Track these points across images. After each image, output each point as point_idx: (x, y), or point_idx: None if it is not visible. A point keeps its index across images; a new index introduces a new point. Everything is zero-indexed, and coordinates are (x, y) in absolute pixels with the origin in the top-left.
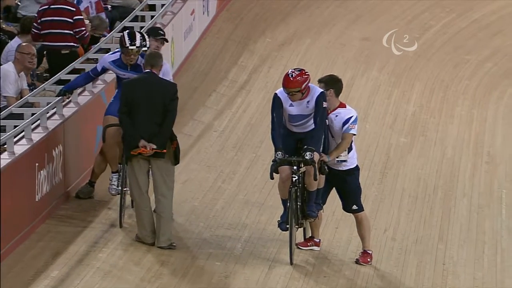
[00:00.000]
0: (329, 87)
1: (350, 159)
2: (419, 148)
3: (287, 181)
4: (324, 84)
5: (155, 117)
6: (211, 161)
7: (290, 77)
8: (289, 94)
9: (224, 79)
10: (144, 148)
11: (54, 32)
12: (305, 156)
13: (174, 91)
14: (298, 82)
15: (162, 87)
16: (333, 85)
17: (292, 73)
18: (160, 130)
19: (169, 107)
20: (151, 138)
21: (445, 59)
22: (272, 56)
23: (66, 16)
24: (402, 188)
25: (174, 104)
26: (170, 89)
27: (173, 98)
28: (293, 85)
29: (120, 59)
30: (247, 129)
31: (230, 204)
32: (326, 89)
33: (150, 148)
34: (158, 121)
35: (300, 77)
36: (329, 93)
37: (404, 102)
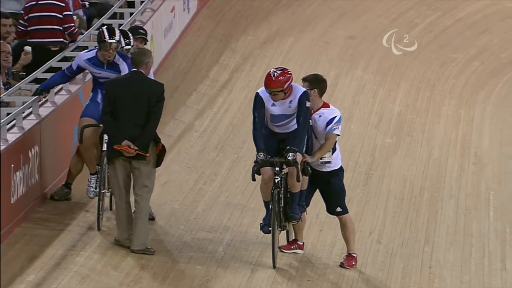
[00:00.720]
0: (314, 87)
1: (334, 160)
2: (405, 149)
3: (269, 183)
4: (309, 83)
5: (138, 119)
6: (191, 162)
7: (272, 77)
8: (271, 94)
9: (205, 78)
10: (128, 147)
11: (42, 28)
12: (287, 157)
13: (161, 92)
14: (280, 82)
15: (148, 87)
16: (317, 84)
17: (274, 73)
18: (143, 132)
19: (154, 109)
20: (133, 140)
21: (431, 58)
22: (254, 54)
23: (55, 11)
24: (388, 189)
25: (159, 105)
26: (156, 90)
27: (159, 99)
28: (275, 85)
29: (96, 57)
30: (228, 129)
31: (212, 207)
32: (310, 89)
33: (134, 149)
34: (141, 123)
35: (283, 76)
36: (313, 93)
37: (390, 101)
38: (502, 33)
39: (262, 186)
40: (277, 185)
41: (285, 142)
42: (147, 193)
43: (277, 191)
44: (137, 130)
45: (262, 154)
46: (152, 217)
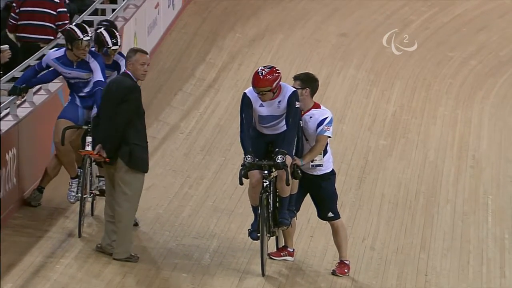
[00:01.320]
0: (305, 86)
1: (326, 163)
2: (400, 151)
3: (257, 187)
4: (301, 82)
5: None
6: (177, 165)
7: (260, 76)
8: (259, 93)
9: (191, 77)
10: (92, 152)
11: (33, 24)
12: (276, 160)
13: (124, 93)
14: (269, 81)
15: (115, 88)
16: (309, 83)
17: (262, 71)
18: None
19: (117, 110)
20: (104, 144)
21: (427, 56)
22: (242, 52)
23: (49, 7)
24: (382, 193)
25: (122, 107)
26: (121, 91)
27: (123, 99)
28: (263, 84)
29: (64, 56)
30: (215, 131)
31: (198, 212)
32: (302, 88)
33: (99, 154)
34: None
35: (271, 75)
36: (305, 92)
37: (384, 102)
38: (501, 30)
39: (250, 190)
40: (265, 189)
41: (274, 144)
42: (124, 201)
43: (266, 195)
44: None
45: (250, 157)
46: (136, 223)
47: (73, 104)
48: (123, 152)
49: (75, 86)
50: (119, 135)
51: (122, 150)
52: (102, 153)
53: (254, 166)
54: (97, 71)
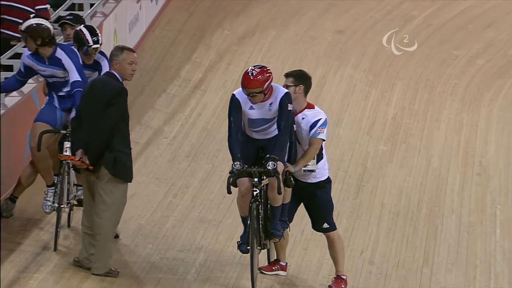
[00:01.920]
0: (299, 83)
1: (320, 170)
2: (401, 157)
3: (247, 196)
4: (294, 79)
5: (92, 125)
6: (160, 172)
7: (250, 76)
8: (250, 95)
9: (176, 78)
10: (73, 158)
11: (9, 20)
12: (267, 166)
13: (112, 95)
14: (260, 82)
15: (101, 90)
16: (303, 80)
17: (253, 71)
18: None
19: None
20: (86, 150)
21: (430, 55)
22: (231, 51)
23: (27, 4)
24: (381, 203)
25: (109, 111)
26: (108, 93)
27: (110, 103)
28: (254, 85)
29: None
30: (202, 135)
31: (183, 223)
32: (295, 85)
33: (81, 160)
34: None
35: (262, 75)
36: (298, 90)
37: (384, 104)
38: (510, 27)
39: (239, 200)
40: (256, 199)
41: (264, 150)
42: (104, 211)
43: (256, 205)
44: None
45: (239, 164)
46: (116, 235)
47: (51, 106)
48: (107, 159)
49: (53, 85)
50: (104, 141)
51: (106, 157)
52: (85, 160)
53: (244, 173)
54: (73, 71)
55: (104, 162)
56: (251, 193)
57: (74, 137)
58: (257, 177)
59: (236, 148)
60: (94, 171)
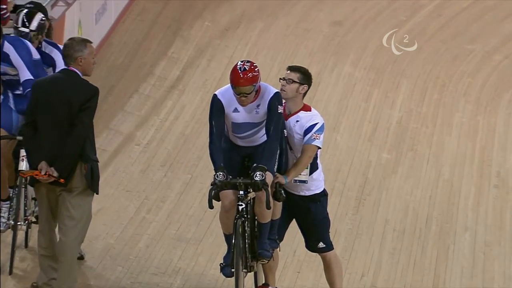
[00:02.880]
0: (305, 82)
1: (315, 182)
2: (407, 167)
3: (231, 211)
4: (302, 76)
5: (59, 134)
6: (132, 184)
7: (240, 71)
8: (240, 95)
9: (150, 76)
10: (38, 172)
11: None
12: (254, 177)
13: (86, 98)
14: (252, 79)
15: (70, 91)
16: (309, 81)
17: (243, 66)
18: (63, 151)
19: (76, 120)
20: (53, 161)
21: (441, 50)
22: (212, 45)
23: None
24: (385, 219)
25: (83, 116)
26: (80, 95)
27: (84, 107)
28: (246, 82)
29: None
30: (180, 141)
31: (158, 241)
32: (301, 83)
33: (48, 173)
34: (63, 138)
35: (252, 72)
36: (301, 90)
37: (387, 106)
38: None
39: (222, 216)
40: (241, 214)
41: (251, 158)
42: (72, 228)
43: (242, 221)
44: (58, 148)
45: (222, 174)
46: (81, 256)
47: (6, 107)
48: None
49: (8, 83)
50: (79, 150)
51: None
52: (52, 173)
53: (227, 185)
54: (22, 68)
55: (78, 173)
56: (236, 207)
57: (31, 147)
58: (243, 190)
59: (218, 157)
60: (61, 184)
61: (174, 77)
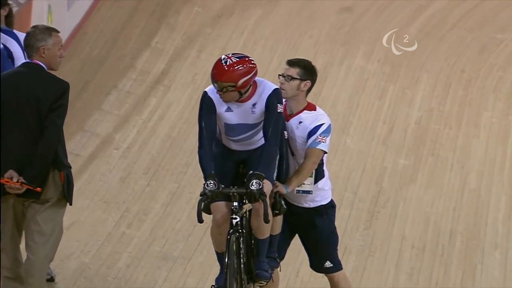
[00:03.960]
0: (307, 78)
1: (321, 192)
2: (428, 175)
3: (223, 225)
4: (302, 71)
5: (28, 137)
6: (110, 194)
7: (223, 64)
8: (220, 90)
9: (130, 69)
10: (9, 180)
11: None
12: (250, 187)
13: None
14: (235, 75)
15: (37, 88)
16: (312, 76)
17: (227, 60)
18: (33, 157)
19: (46, 121)
20: (22, 168)
21: (466, 39)
22: (203, 34)
23: None
24: (402, 235)
25: (54, 116)
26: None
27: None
28: (227, 78)
29: None
30: (165, 145)
31: (140, 260)
32: (303, 79)
33: (20, 181)
34: (32, 142)
35: (241, 66)
36: (303, 86)
37: (405, 104)
38: None
39: (214, 231)
40: (235, 229)
41: (246, 165)
42: (42, 245)
43: (236, 237)
44: (27, 153)
45: (213, 183)
46: (51, 277)
47: None
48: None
49: None
50: (52, 155)
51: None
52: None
53: (219, 195)
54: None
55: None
56: (230, 221)
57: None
58: (237, 201)
59: (209, 163)
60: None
61: (159, 70)
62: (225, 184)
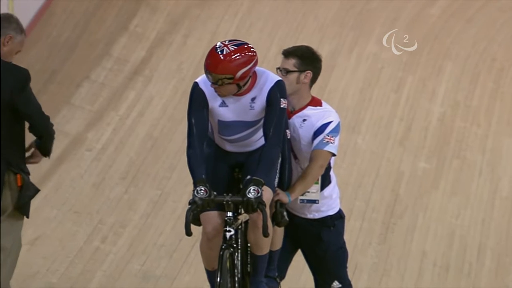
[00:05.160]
0: (306, 67)
1: (328, 200)
2: (452, 181)
3: (215, 239)
4: (299, 61)
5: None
6: (81, 203)
7: (218, 54)
8: (215, 83)
9: (105, 57)
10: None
11: None
12: (247, 194)
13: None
14: (233, 65)
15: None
16: (312, 64)
17: (224, 48)
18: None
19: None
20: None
21: (498, 22)
22: (190, 16)
23: None
24: (422, 251)
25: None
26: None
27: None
28: (222, 69)
29: None
30: (146, 145)
31: (117, 280)
32: (301, 70)
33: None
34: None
35: (239, 54)
36: (304, 78)
37: (425, 97)
38: None
39: (204, 246)
40: (229, 244)
41: (243, 169)
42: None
43: (230, 253)
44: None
45: (203, 190)
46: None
47: None
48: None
49: None
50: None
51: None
52: None
53: (211, 204)
54: None
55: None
56: (223, 235)
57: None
58: (232, 211)
59: (199, 166)
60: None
61: (138, 59)
62: (217, 191)
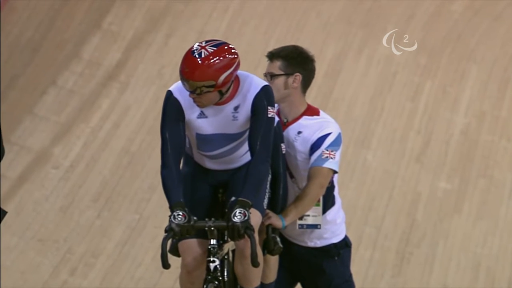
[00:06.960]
0: (295, 70)
1: (331, 225)
2: (478, 203)
3: (196, 271)
4: (285, 63)
5: None
6: (47, 231)
7: (195, 58)
8: (194, 92)
9: (74, 60)
10: None
11: None
12: (233, 218)
13: None
14: (213, 70)
15: None
16: (301, 66)
17: (201, 50)
18: None
19: None
20: None
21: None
22: (173, 12)
23: None
24: (443, 284)
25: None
26: None
27: None
28: (201, 75)
29: None
30: (121, 163)
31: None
32: (288, 73)
33: None
34: None
35: (219, 57)
36: (293, 82)
37: (446, 107)
38: None
39: (184, 279)
40: (213, 276)
41: (227, 189)
42: None
43: (215, 287)
44: None
45: (182, 215)
46: None
47: None
48: None
49: None
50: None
51: None
52: None
53: (191, 231)
54: None
55: None
56: (206, 266)
57: None
58: (216, 238)
59: (176, 187)
60: None
61: (113, 62)
62: (198, 216)
